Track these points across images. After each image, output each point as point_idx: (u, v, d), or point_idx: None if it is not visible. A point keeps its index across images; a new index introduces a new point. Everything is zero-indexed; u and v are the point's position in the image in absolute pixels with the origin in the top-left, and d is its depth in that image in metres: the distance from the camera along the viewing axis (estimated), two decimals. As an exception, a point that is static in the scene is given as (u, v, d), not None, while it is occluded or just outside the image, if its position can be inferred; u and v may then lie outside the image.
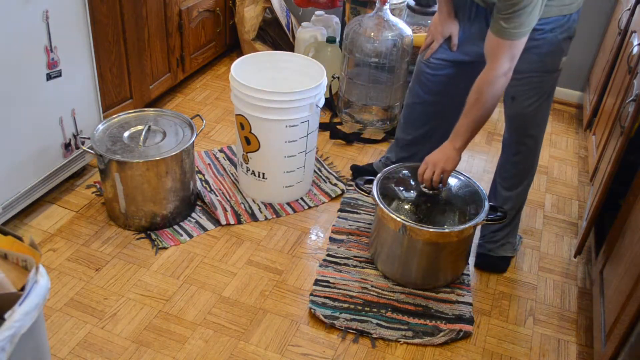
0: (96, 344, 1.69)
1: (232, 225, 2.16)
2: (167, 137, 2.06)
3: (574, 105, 3.16)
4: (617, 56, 2.51)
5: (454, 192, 1.92)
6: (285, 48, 3.19)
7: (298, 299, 1.89)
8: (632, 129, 1.82)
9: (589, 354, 1.79)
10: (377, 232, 1.95)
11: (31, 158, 2.00)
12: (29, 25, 1.84)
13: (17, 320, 1.11)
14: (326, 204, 2.30)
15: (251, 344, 1.73)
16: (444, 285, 1.94)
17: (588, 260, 2.13)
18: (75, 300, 1.82)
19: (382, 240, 1.93)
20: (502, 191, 2.00)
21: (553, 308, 1.94)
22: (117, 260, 1.97)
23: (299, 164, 2.20)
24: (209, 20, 3.00)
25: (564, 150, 2.79)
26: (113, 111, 2.38)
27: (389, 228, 1.86)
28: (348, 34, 2.65)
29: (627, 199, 1.70)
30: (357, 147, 2.66)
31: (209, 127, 2.71)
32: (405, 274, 1.92)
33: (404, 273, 1.92)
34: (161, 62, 2.69)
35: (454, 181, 1.96)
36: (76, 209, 2.17)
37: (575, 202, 2.45)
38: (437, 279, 1.92)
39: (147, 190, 2.00)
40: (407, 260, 1.89)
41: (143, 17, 2.45)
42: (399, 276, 1.93)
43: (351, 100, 2.76)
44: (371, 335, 1.78)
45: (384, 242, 1.92)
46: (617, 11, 2.72)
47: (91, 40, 2.11)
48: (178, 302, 1.84)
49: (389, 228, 1.86)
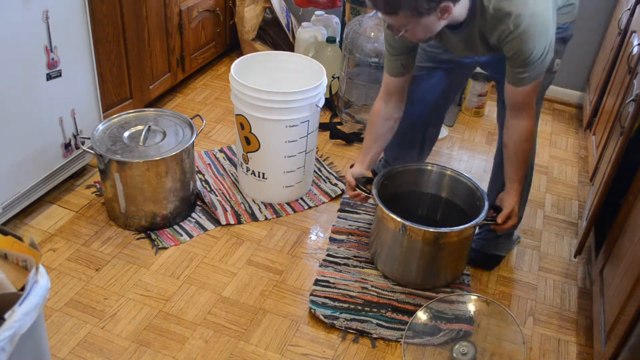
0: (96, 344, 1.69)
1: (232, 225, 2.16)
2: (167, 137, 2.06)
3: (574, 105, 3.16)
4: (617, 56, 2.51)
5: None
6: (285, 48, 3.19)
7: (298, 299, 1.89)
8: (632, 129, 1.82)
9: (589, 354, 1.79)
10: (377, 232, 1.95)
11: (31, 158, 2.00)
12: (29, 25, 1.84)
13: (17, 320, 1.11)
14: (326, 204, 2.30)
15: (251, 344, 1.73)
16: (444, 285, 1.94)
17: (588, 260, 2.13)
18: (75, 300, 1.82)
19: (382, 241, 1.93)
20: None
21: (553, 308, 1.94)
22: (117, 260, 1.97)
23: (299, 164, 2.20)
24: (209, 20, 3.00)
25: (564, 150, 2.79)
26: (113, 111, 2.38)
27: (388, 228, 1.87)
28: (348, 34, 2.65)
29: (627, 199, 1.70)
30: (357, 147, 2.66)
31: (209, 127, 2.71)
32: (406, 274, 1.92)
33: (404, 273, 1.92)
34: (161, 62, 2.69)
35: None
36: (76, 209, 2.17)
37: (575, 202, 2.45)
38: (437, 279, 1.92)
39: (147, 190, 2.00)
40: (407, 261, 1.89)
41: (143, 17, 2.45)
42: (399, 276, 1.93)
43: (351, 100, 2.76)
44: (371, 335, 1.78)
45: (384, 242, 1.92)
46: (617, 11, 2.72)
47: (91, 40, 2.11)
48: (178, 302, 1.84)
49: (388, 228, 1.87)
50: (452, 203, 1.88)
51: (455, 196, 1.90)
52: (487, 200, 1.87)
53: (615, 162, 1.87)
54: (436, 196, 1.87)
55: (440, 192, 1.88)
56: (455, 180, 1.96)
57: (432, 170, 2.04)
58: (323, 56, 2.87)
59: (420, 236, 1.80)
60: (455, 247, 1.85)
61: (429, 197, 1.87)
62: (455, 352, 1.70)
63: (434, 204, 1.87)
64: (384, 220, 1.87)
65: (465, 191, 1.92)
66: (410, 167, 2.00)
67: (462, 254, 1.92)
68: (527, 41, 1.51)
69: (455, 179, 1.96)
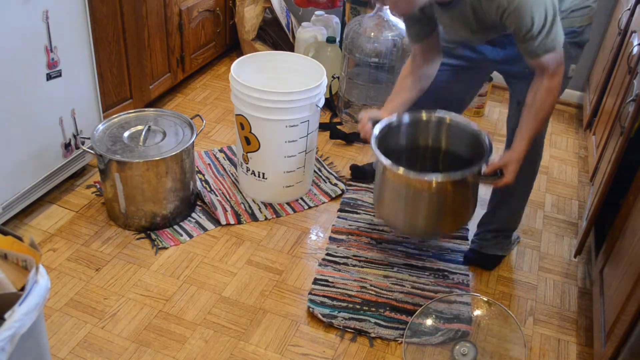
0: (96, 344, 1.69)
1: (232, 225, 2.16)
2: (167, 137, 2.06)
3: (574, 105, 3.16)
4: (617, 56, 2.51)
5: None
6: (285, 48, 3.19)
7: (298, 299, 1.89)
8: (632, 129, 1.82)
9: (589, 354, 1.79)
10: (379, 187, 1.90)
11: (31, 158, 2.01)
12: (28, 25, 1.84)
13: (17, 320, 1.11)
14: (326, 204, 2.30)
15: (251, 344, 1.73)
16: (449, 235, 1.92)
17: (588, 260, 2.13)
18: (75, 300, 1.82)
19: (385, 194, 1.87)
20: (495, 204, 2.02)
21: (553, 308, 1.94)
22: (117, 260, 1.97)
23: (299, 164, 2.20)
24: (209, 20, 3.00)
25: (564, 150, 2.79)
26: (113, 111, 2.38)
27: (390, 181, 1.82)
28: (348, 34, 2.65)
29: (627, 199, 1.70)
30: (357, 147, 2.66)
31: (209, 127, 2.71)
32: (411, 225, 1.89)
33: (410, 224, 1.88)
34: (161, 62, 2.69)
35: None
36: (76, 209, 2.17)
37: (575, 202, 2.45)
38: (442, 227, 1.89)
39: (147, 190, 2.00)
40: (412, 211, 1.84)
41: (143, 17, 2.46)
42: (406, 228, 1.92)
43: (351, 100, 2.76)
44: (369, 334, 1.78)
45: (386, 196, 1.87)
46: (617, 11, 2.72)
47: (91, 40, 2.11)
48: (178, 302, 1.84)
49: (390, 181, 1.82)
50: (455, 153, 1.84)
51: (460, 146, 1.85)
52: (489, 154, 1.79)
53: (615, 162, 1.87)
54: (437, 149, 1.85)
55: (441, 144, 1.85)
56: (461, 128, 1.90)
57: (429, 119, 1.95)
58: (323, 56, 2.87)
59: (421, 185, 1.75)
60: (458, 195, 1.79)
61: (430, 148, 1.84)
62: (456, 352, 1.70)
63: (435, 155, 1.84)
64: (385, 173, 1.82)
65: (469, 141, 1.86)
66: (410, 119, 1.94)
67: (466, 204, 1.85)
68: (523, 16, 1.50)
69: (461, 128, 1.90)
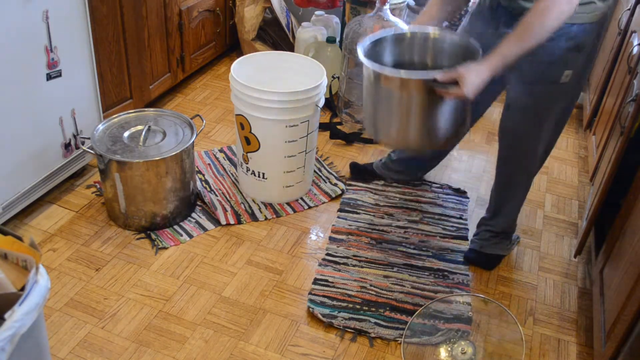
0: (96, 344, 1.69)
1: (232, 225, 2.16)
2: (167, 137, 2.06)
3: (574, 106, 3.15)
4: (617, 56, 2.51)
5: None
6: (285, 48, 3.19)
7: (298, 299, 1.89)
8: (632, 129, 1.82)
9: (589, 354, 1.79)
10: (370, 99, 1.81)
11: (31, 158, 2.01)
12: (29, 25, 1.84)
13: (17, 320, 1.11)
14: (326, 204, 2.30)
15: (251, 344, 1.73)
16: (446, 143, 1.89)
17: (588, 260, 2.13)
18: (75, 300, 1.82)
19: (377, 106, 1.79)
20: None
21: (553, 308, 1.94)
22: (117, 260, 1.97)
23: (299, 164, 2.20)
24: (209, 20, 3.00)
25: (564, 150, 2.79)
26: (113, 111, 2.38)
27: (380, 88, 1.73)
28: (348, 34, 2.65)
29: (627, 199, 1.70)
30: (357, 147, 2.66)
31: (209, 127, 2.71)
32: (405, 136, 1.81)
33: (404, 135, 1.81)
34: (161, 62, 2.69)
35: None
36: (76, 209, 2.17)
37: (575, 202, 2.45)
38: (437, 135, 1.80)
39: (147, 190, 2.00)
40: (405, 120, 1.76)
41: (143, 17, 2.46)
42: (400, 139, 1.84)
43: (351, 100, 2.76)
44: (369, 334, 1.78)
45: (378, 108, 1.79)
46: (617, 11, 2.72)
47: (91, 40, 2.11)
48: (178, 302, 1.84)
49: (380, 88, 1.73)
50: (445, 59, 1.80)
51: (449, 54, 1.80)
52: (479, 50, 1.69)
53: (615, 162, 1.87)
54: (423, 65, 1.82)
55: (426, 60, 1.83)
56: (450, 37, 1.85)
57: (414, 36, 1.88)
58: (323, 56, 2.87)
59: (412, 87, 1.66)
60: (428, 99, 1.67)
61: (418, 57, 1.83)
62: (455, 352, 1.70)
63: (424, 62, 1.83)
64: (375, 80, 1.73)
65: (458, 48, 1.79)
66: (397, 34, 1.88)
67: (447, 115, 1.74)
68: None
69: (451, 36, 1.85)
